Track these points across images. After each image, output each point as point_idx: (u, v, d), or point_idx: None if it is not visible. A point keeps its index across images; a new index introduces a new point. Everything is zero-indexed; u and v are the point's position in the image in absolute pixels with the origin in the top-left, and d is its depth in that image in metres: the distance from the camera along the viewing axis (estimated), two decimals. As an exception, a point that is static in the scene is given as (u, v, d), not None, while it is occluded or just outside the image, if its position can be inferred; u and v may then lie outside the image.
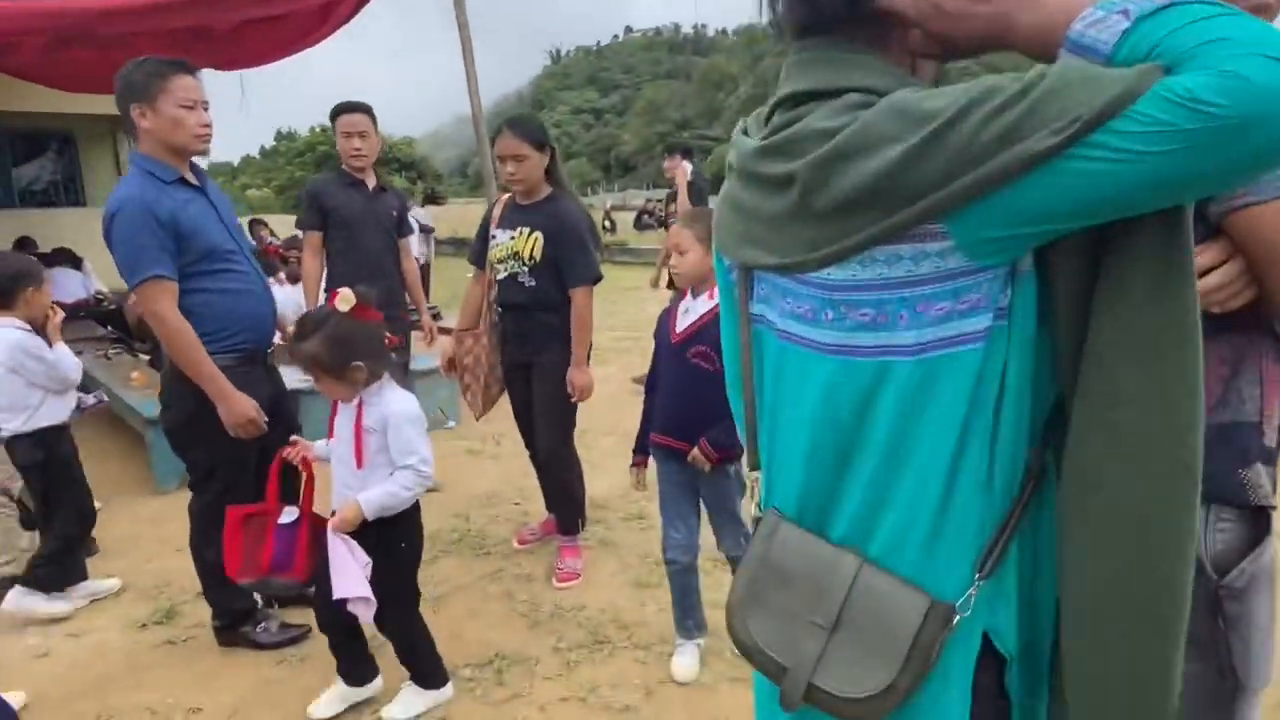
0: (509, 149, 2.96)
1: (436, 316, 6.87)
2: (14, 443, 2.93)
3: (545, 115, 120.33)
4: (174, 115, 2.33)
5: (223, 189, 2.66)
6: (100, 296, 8.67)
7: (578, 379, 3.01)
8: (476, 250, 3.28)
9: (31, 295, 3.03)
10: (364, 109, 3.62)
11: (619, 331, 8.33)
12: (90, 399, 3.79)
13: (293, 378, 4.81)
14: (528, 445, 3.31)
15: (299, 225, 3.63)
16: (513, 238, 3.05)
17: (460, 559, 3.34)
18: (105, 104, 10.60)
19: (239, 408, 2.37)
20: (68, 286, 7.54)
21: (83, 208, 11.72)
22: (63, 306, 7.64)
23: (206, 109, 2.41)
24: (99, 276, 8.93)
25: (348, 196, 3.67)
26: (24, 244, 8.33)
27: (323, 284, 3.91)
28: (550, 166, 3.07)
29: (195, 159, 2.49)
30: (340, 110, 3.61)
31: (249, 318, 2.44)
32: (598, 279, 3.05)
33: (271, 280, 5.04)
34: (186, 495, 2.75)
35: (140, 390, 4.72)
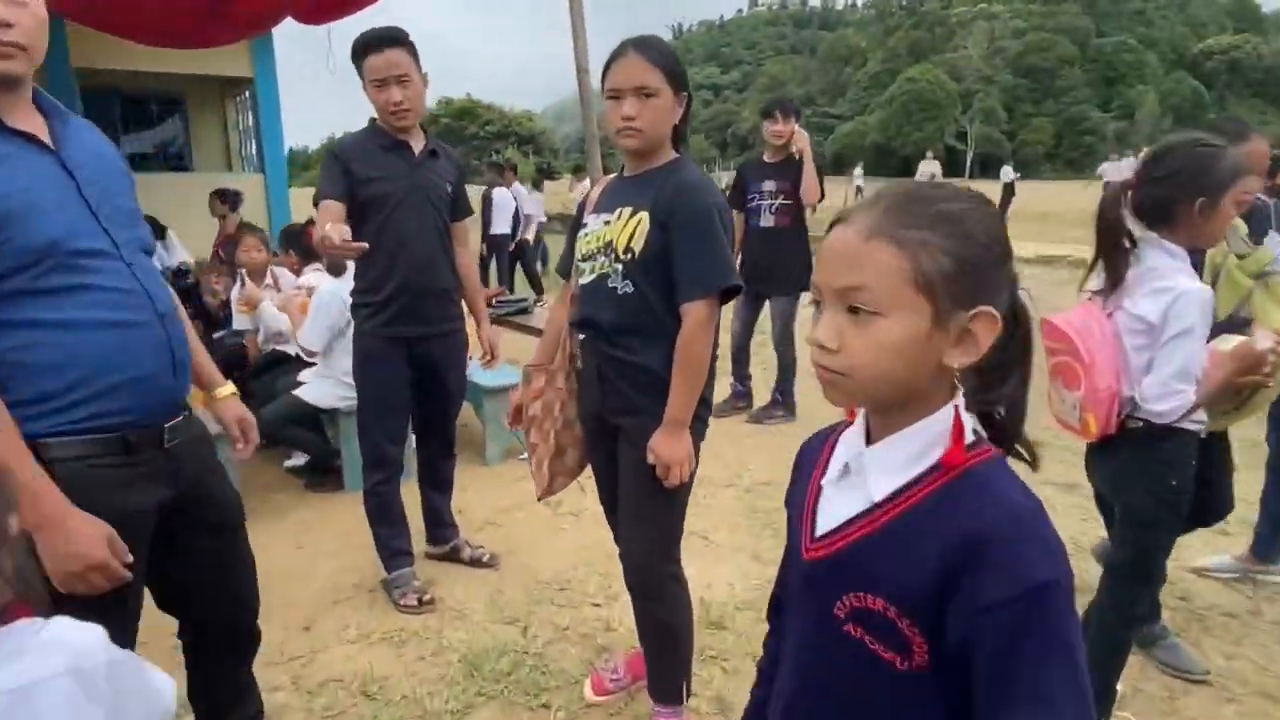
0: (632, 77, 1.81)
1: (524, 311, 5.83)
2: None
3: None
4: None
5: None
6: (184, 268, 8.15)
7: (662, 448, 1.85)
8: (566, 256, 2.16)
9: None
10: (400, 40, 2.51)
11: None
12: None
13: (332, 394, 3.89)
14: (617, 540, 2.17)
15: (316, 198, 2.59)
16: (607, 222, 1.93)
17: (505, 713, 2.23)
18: (215, 64, 10.22)
19: (71, 546, 1.28)
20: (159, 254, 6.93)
21: (190, 173, 11.41)
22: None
23: None
24: (188, 248, 8.43)
25: (386, 163, 2.61)
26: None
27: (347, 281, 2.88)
28: (681, 122, 1.93)
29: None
30: (367, 46, 2.51)
31: (116, 369, 1.36)
32: (729, 290, 1.85)
33: (310, 269, 4.09)
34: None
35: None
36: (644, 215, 1.86)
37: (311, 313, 3.59)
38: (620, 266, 1.88)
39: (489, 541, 3.24)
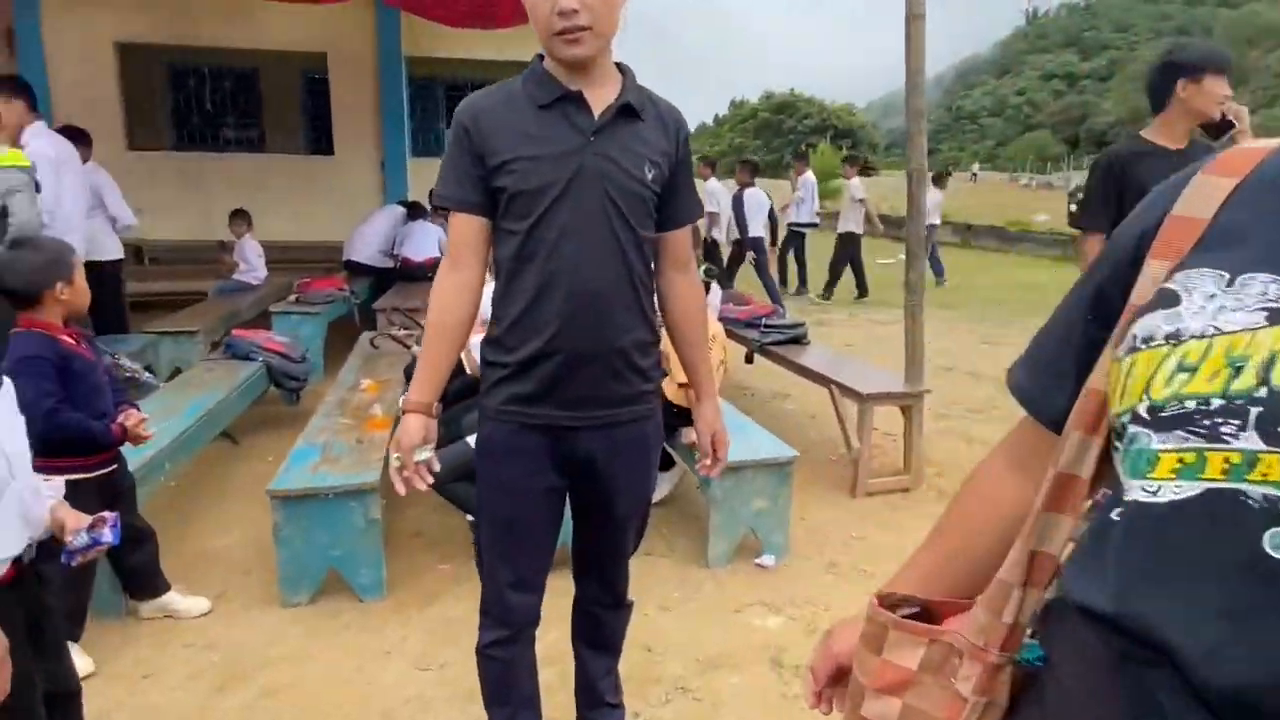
0: None
1: (798, 340, 4.52)
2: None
3: (1008, 81, 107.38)
4: None
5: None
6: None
7: None
8: (1052, 360, 0.73)
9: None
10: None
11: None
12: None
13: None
14: None
15: (434, 199, 1.58)
16: (1274, 313, 0.52)
17: None
18: (522, 49, 10.31)
19: None
20: (421, 242, 6.78)
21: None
22: (411, 264, 6.92)
23: None
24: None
25: (542, 132, 1.52)
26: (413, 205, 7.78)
27: (479, 325, 1.85)
28: None
29: None
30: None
31: None
32: None
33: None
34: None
35: (352, 428, 3.26)
36: None
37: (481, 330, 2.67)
38: None
39: (676, 730, 2.09)
